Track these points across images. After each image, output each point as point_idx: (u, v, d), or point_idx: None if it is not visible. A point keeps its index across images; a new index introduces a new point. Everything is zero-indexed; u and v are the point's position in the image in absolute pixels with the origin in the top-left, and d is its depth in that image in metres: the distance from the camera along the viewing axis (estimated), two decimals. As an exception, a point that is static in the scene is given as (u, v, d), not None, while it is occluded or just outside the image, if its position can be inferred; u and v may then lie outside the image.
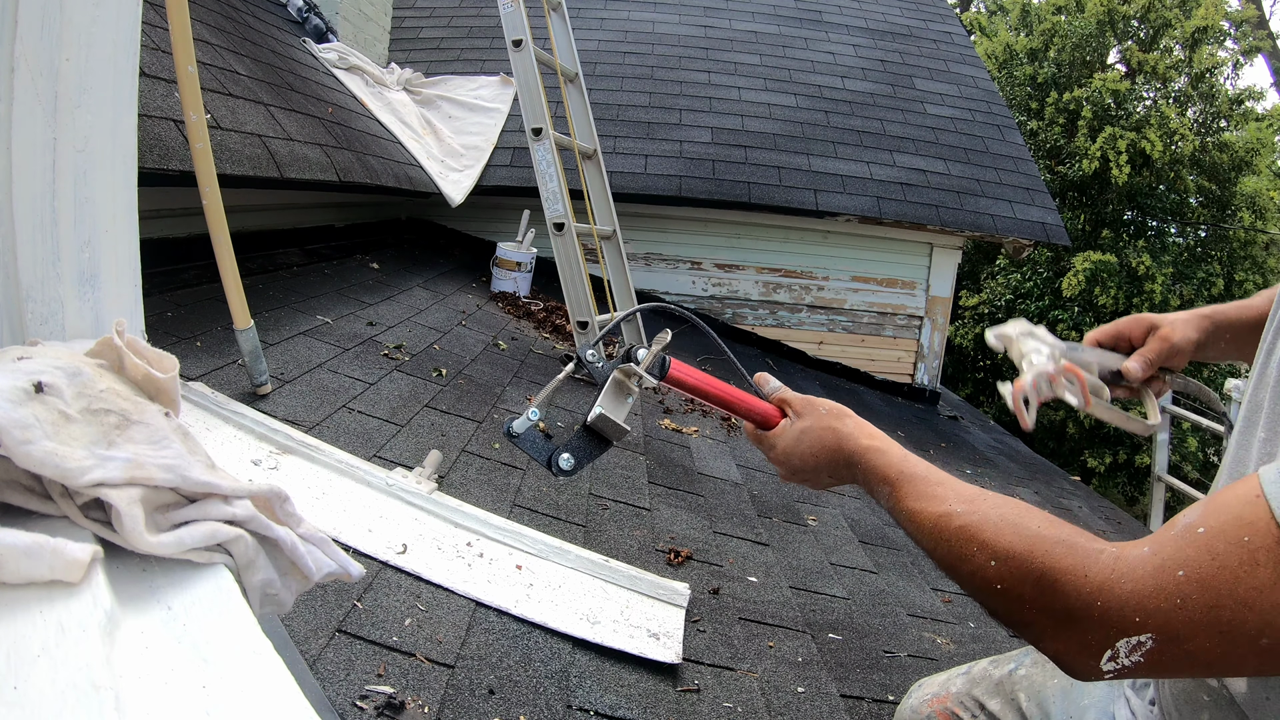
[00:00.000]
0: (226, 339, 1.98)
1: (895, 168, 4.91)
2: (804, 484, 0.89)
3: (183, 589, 0.46)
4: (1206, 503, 0.51)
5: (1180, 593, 0.47)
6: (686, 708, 1.31)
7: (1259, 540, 0.45)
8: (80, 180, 0.62)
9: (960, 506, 0.65)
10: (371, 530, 1.44)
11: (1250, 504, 0.47)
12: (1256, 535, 0.46)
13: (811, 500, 2.63)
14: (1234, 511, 0.47)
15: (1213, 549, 0.47)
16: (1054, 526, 0.58)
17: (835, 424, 0.83)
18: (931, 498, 0.69)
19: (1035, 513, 0.61)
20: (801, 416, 0.86)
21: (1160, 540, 0.50)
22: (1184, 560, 0.47)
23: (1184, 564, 0.47)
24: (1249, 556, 0.45)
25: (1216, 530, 0.47)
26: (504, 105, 4.84)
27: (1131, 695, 0.81)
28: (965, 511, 0.64)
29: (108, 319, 0.65)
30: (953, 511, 0.65)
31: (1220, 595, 0.46)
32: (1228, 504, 0.48)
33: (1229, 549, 0.46)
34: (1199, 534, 0.48)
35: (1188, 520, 0.49)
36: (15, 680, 0.35)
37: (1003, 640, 1.99)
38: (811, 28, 6.24)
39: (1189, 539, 0.48)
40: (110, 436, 0.48)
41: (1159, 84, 10.03)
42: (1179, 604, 0.47)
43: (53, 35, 0.59)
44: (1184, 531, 0.49)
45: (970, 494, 0.67)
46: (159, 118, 2.00)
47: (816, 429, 0.83)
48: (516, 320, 3.63)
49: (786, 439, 0.86)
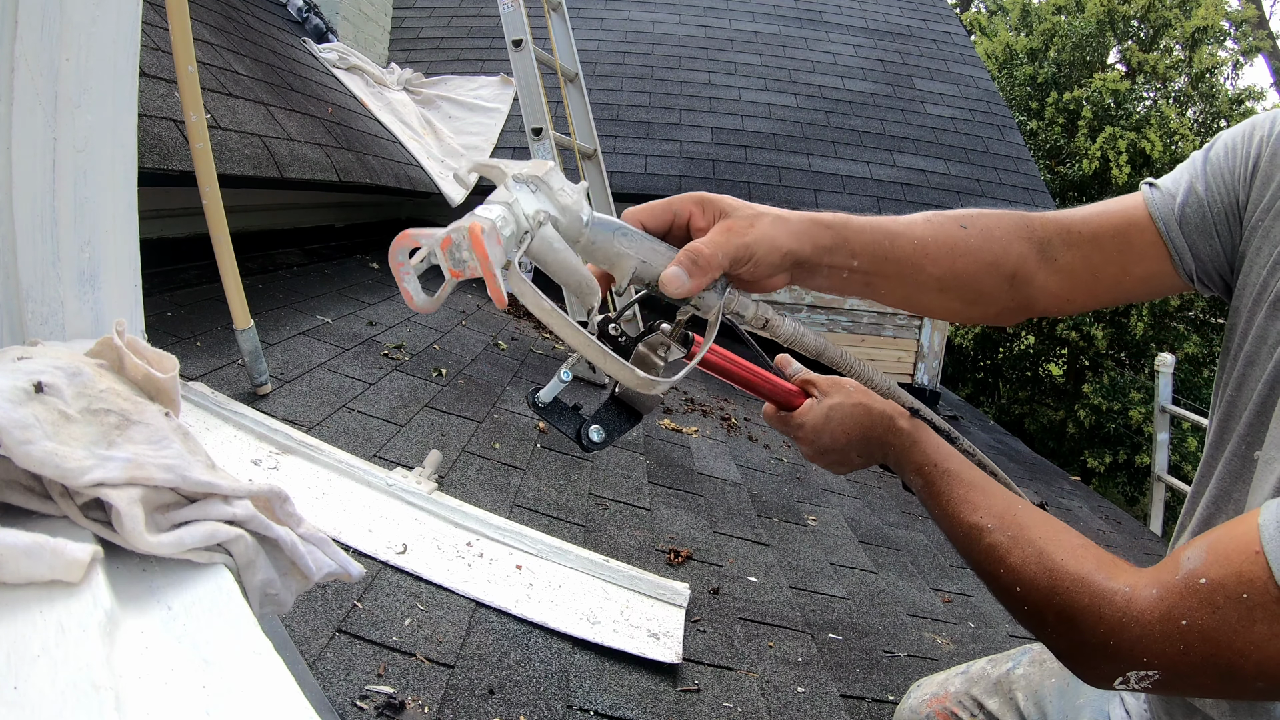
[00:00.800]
0: (226, 339, 1.98)
1: (895, 168, 4.91)
2: (830, 465, 0.84)
3: (183, 589, 0.46)
4: (1210, 547, 0.52)
5: (1184, 640, 0.51)
6: (686, 708, 1.31)
7: (1257, 598, 0.49)
8: (80, 180, 0.62)
9: (991, 522, 0.66)
10: (371, 530, 1.44)
11: (1250, 560, 0.49)
12: (1255, 593, 0.49)
13: (811, 500, 2.64)
14: (1234, 567, 0.50)
15: (1214, 602, 0.50)
16: (1076, 560, 0.59)
17: (866, 400, 0.81)
18: (965, 503, 0.69)
19: (1062, 540, 0.62)
20: (828, 394, 0.83)
21: (1167, 587, 0.53)
22: (1187, 610, 0.51)
23: (1187, 614, 0.51)
24: (1247, 613, 0.49)
25: (1218, 584, 0.50)
26: (504, 105, 4.84)
27: (1127, 694, 0.82)
28: (996, 529, 0.65)
29: (108, 319, 0.65)
30: (984, 526, 0.66)
31: (1220, 646, 0.50)
32: (1229, 556, 0.51)
33: (1229, 604, 0.50)
34: (1201, 584, 0.51)
35: (1191, 567, 0.52)
36: (15, 680, 0.35)
37: (1002, 640, 1.99)
38: (811, 28, 6.24)
39: (1192, 589, 0.51)
40: (110, 436, 0.48)
41: (1159, 84, 10.03)
42: (1182, 650, 0.51)
43: (53, 35, 0.59)
44: (1188, 580, 0.51)
45: (1001, 507, 0.67)
46: (159, 118, 2.00)
47: (847, 405, 0.81)
48: (516, 320, 3.63)
49: (814, 416, 0.82)
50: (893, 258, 0.69)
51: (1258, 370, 0.65)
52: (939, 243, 0.71)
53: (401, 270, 0.56)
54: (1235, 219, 0.70)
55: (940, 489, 0.72)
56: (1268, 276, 0.65)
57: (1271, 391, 0.63)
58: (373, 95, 4.30)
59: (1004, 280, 0.73)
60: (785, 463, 2.96)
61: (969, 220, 0.73)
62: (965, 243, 0.72)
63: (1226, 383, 0.70)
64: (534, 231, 0.55)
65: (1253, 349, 0.66)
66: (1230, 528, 0.53)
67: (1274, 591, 0.48)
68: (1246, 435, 0.65)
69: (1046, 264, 0.74)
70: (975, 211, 0.74)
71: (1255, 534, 0.50)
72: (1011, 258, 0.73)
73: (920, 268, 0.71)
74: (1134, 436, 8.17)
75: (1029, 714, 0.92)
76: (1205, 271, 0.72)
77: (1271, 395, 0.63)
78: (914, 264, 0.70)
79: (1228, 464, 0.67)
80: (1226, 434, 0.68)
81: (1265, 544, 0.49)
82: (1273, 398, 0.62)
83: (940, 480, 0.72)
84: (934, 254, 0.71)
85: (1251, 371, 0.66)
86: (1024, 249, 0.74)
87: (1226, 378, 0.70)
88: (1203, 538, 0.54)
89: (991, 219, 0.74)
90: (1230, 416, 0.68)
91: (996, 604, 2.24)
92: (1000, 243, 0.73)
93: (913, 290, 0.72)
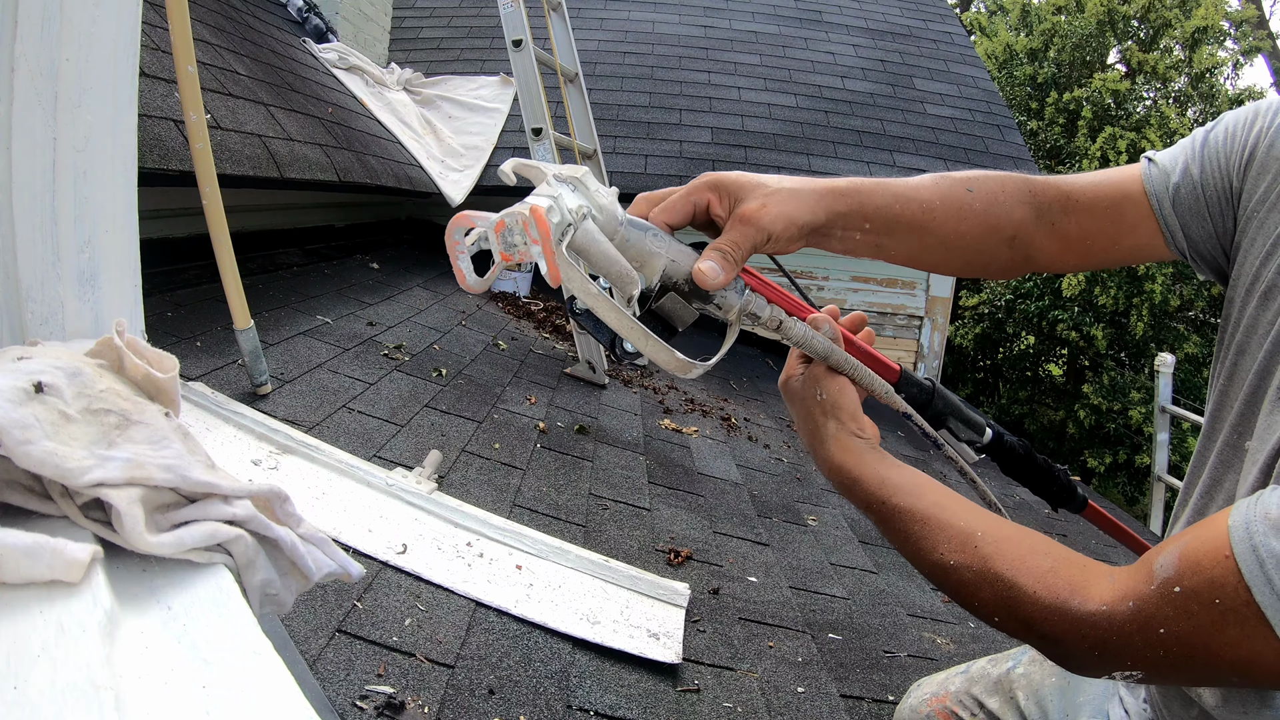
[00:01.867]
0: (226, 339, 1.98)
1: (895, 168, 4.91)
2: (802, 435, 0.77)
3: (183, 589, 0.46)
4: (1182, 554, 0.53)
5: (1163, 646, 0.52)
6: (686, 708, 1.31)
7: (1228, 602, 0.49)
8: (80, 180, 0.62)
9: (954, 558, 0.62)
10: (371, 530, 1.44)
11: (1220, 564, 0.50)
12: (1226, 598, 0.49)
13: (811, 500, 2.64)
14: (1206, 574, 0.51)
15: (1188, 610, 0.51)
16: (1047, 588, 0.57)
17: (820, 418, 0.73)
18: (922, 540, 0.64)
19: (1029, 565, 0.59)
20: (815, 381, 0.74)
21: (1143, 598, 0.53)
22: (1164, 620, 0.52)
23: (1164, 623, 0.52)
24: (1220, 618, 0.50)
25: (1191, 592, 0.51)
26: (504, 105, 4.84)
27: (1125, 694, 0.82)
28: (959, 565, 0.61)
29: (108, 319, 0.65)
30: (947, 564, 0.62)
31: (1195, 649, 0.51)
32: (1200, 564, 0.51)
33: (1202, 610, 0.51)
34: (1176, 593, 0.52)
35: (1165, 575, 0.53)
36: (15, 680, 0.35)
37: (1002, 640, 1.99)
38: (811, 28, 6.24)
39: (1167, 599, 0.52)
40: (110, 436, 0.48)
41: (1159, 84, 10.03)
42: (1162, 655, 0.53)
43: (53, 35, 0.59)
44: (1163, 590, 0.53)
45: (960, 539, 0.62)
46: (159, 118, 2.00)
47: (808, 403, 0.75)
48: (516, 320, 3.63)
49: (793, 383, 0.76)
50: (902, 219, 0.73)
51: (1248, 360, 0.66)
52: (945, 206, 0.74)
53: (457, 249, 0.57)
54: (1229, 204, 0.71)
55: (896, 527, 0.67)
56: (1259, 267, 0.66)
57: (1261, 381, 0.63)
58: (373, 95, 4.30)
59: (1004, 242, 0.77)
60: (785, 463, 2.96)
61: (975, 184, 0.76)
62: (970, 206, 0.75)
63: (1220, 373, 0.70)
64: (577, 225, 0.57)
65: (1244, 338, 0.67)
66: (1201, 530, 0.53)
67: (1244, 595, 0.48)
68: (1237, 425, 0.66)
69: (1044, 228, 0.78)
70: (981, 174, 0.77)
71: (1225, 538, 0.50)
72: (1013, 221, 0.76)
73: (927, 229, 0.74)
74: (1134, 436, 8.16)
75: (1029, 713, 0.92)
76: (1198, 251, 0.74)
77: (1262, 385, 0.63)
78: (921, 225, 0.74)
79: (1220, 454, 0.68)
80: (1218, 424, 0.69)
81: (1235, 547, 0.50)
82: (1263, 388, 0.63)
83: (892, 519, 0.67)
84: (940, 217, 0.74)
85: (1242, 361, 0.67)
86: (1024, 213, 0.77)
87: (1220, 368, 0.70)
88: (1174, 542, 0.54)
89: (995, 183, 0.77)
90: (1222, 407, 0.69)
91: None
92: (1003, 207, 0.76)
93: (919, 251, 0.76)
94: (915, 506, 0.66)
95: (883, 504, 0.67)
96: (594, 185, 0.60)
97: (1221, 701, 0.64)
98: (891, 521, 0.67)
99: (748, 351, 4.79)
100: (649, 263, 0.64)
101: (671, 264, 0.64)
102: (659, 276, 0.64)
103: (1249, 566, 0.48)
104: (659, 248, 0.64)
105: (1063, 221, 0.77)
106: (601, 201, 0.60)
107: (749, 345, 4.91)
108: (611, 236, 0.61)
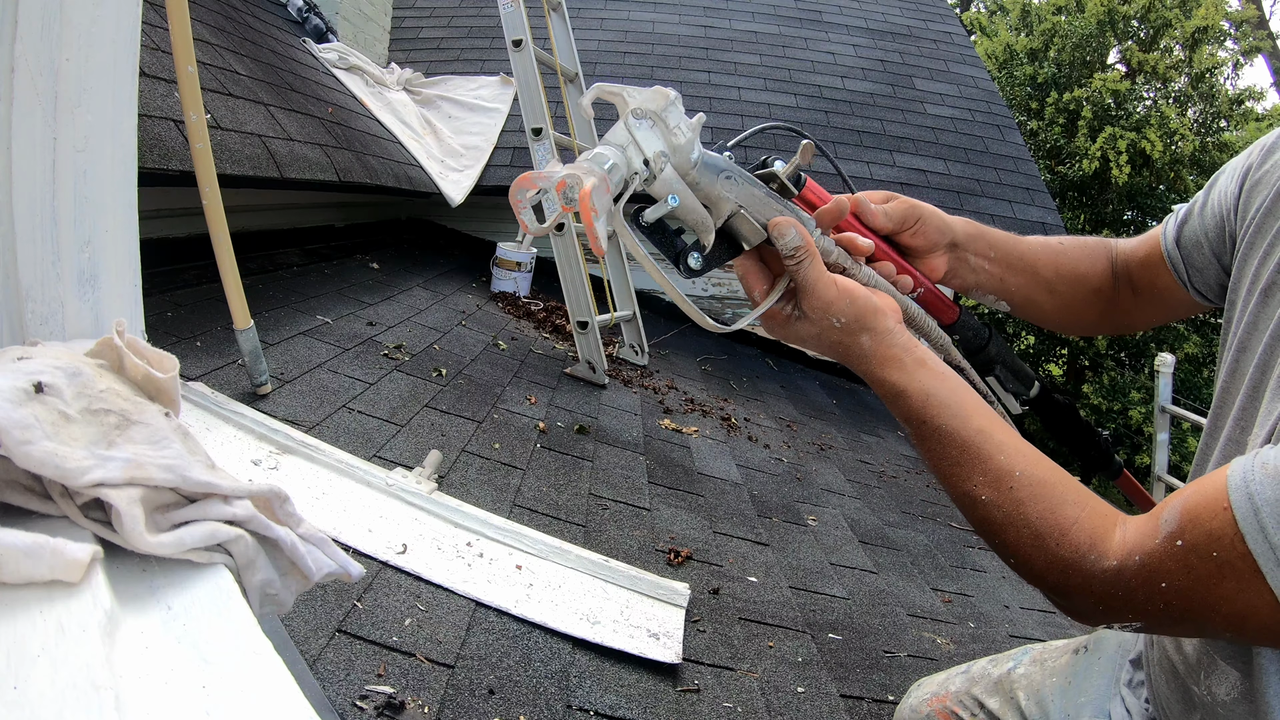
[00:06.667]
0: (226, 339, 1.98)
1: (895, 168, 4.91)
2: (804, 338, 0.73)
3: (183, 589, 0.46)
4: (1184, 507, 0.54)
5: (1164, 599, 0.54)
6: (686, 708, 1.31)
7: (1225, 555, 0.51)
8: (80, 180, 0.62)
9: (986, 493, 0.62)
10: (371, 530, 1.44)
11: (1218, 517, 0.51)
12: (1223, 550, 0.51)
13: (811, 500, 2.64)
14: (1205, 526, 0.52)
15: (1189, 563, 0.53)
16: (1070, 543, 0.58)
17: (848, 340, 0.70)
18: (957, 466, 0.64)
19: (1059, 517, 0.59)
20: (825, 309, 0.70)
21: (1149, 553, 0.55)
22: (1166, 573, 0.54)
23: (1166, 577, 0.54)
24: (1217, 570, 0.51)
25: (1191, 545, 0.53)
26: (504, 105, 4.84)
27: (1127, 694, 0.82)
28: (990, 501, 0.62)
29: (108, 319, 0.65)
30: (978, 498, 0.62)
31: (1193, 602, 0.53)
32: (1200, 516, 0.53)
33: (1201, 563, 0.52)
34: (1178, 546, 0.53)
35: (1169, 529, 0.54)
36: (15, 680, 0.35)
37: (1002, 640, 1.99)
38: (811, 28, 6.24)
39: (1171, 553, 0.54)
40: (110, 436, 0.48)
41: (1159, 84, 10.02)
42: (1162, 607, 0.55)
43: (53, 35, 0.59)
44: (1167, 543, 0.54)
45: (996, 475, 0.62)
46: (159, 118, 2.00)
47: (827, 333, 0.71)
48: (516, 320, 3.63)
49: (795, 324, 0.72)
50: (1014, 254, 0.85)
51: (1249, 356, 0.67)
52: (1045, 253, 0.87)
53: (519, 205, 0.61)
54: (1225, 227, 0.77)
55: (933, 447, 0.66)
56: (1259, 267, 0.68)
57: (1263, 375, 0.65)
58: (373, 95, 4.30)
59: (1092, 292, 0.88)
60: (785, 463, 2.96)
61: (1065, 239, 0.90)
62: (1065, 254, 0.88)
63: (1222, 372, 0.72)
64: (655, 174, 0.60)
65: (1245, 336, 0.68)
66: (1202, 485, 0.54)
67: (1240, 548, 0.50)
68: (1240, 420, 0.67)
69: (1121, 280, 0.89)
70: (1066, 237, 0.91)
71: (1224, 491, 0.52)
72: (1096, 272, 0.89)
73: (1035, 270, 0.85)
74: (1134, 436, 8.16)
75: (1030, 713, 0.92)
76: (1205, 283, 0.80)
77: (1263, 379, 0.64)
78: (1031, 266, 0.85)
79: (1223, 449, 0.69)
80: (1221, 420, 0.70)
81: (1232, 498, 0.51)
82: (1264, 381, 0.64)
83: (932, 439, 0.66)
84: (1043, 259, 0.87)
85: (1244, 358, 0.68)
86: (1104, 266, 0.89)
87: (1222, 367, 0.72)
88: (1178, 496, 0.56)
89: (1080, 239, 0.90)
90: (1224, 403, 0.70)
91: (996, 605, 2.24)
92: (1088, 260, 0.89)
93: (1031, 289, 0.86)
94: (958, 431, 0.64)
95: (924, 423, 0.66)
96: (675, 120, 0.60)
97: (1228, 704, 0.64)
98: (930, 441, 0.66)
99: (748, 351, 4.79)
100: (716, 206, 0.68)
101: (739, 210, 0.68)
102: (723, 220, 0.69)
103: (1244, 515, 0.50)
104: (728, 192, 0.67)
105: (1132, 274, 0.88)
106: (678, 141, 0.61)
107: (749, 345, 4.91)
108: (684, 175, 0.63)
